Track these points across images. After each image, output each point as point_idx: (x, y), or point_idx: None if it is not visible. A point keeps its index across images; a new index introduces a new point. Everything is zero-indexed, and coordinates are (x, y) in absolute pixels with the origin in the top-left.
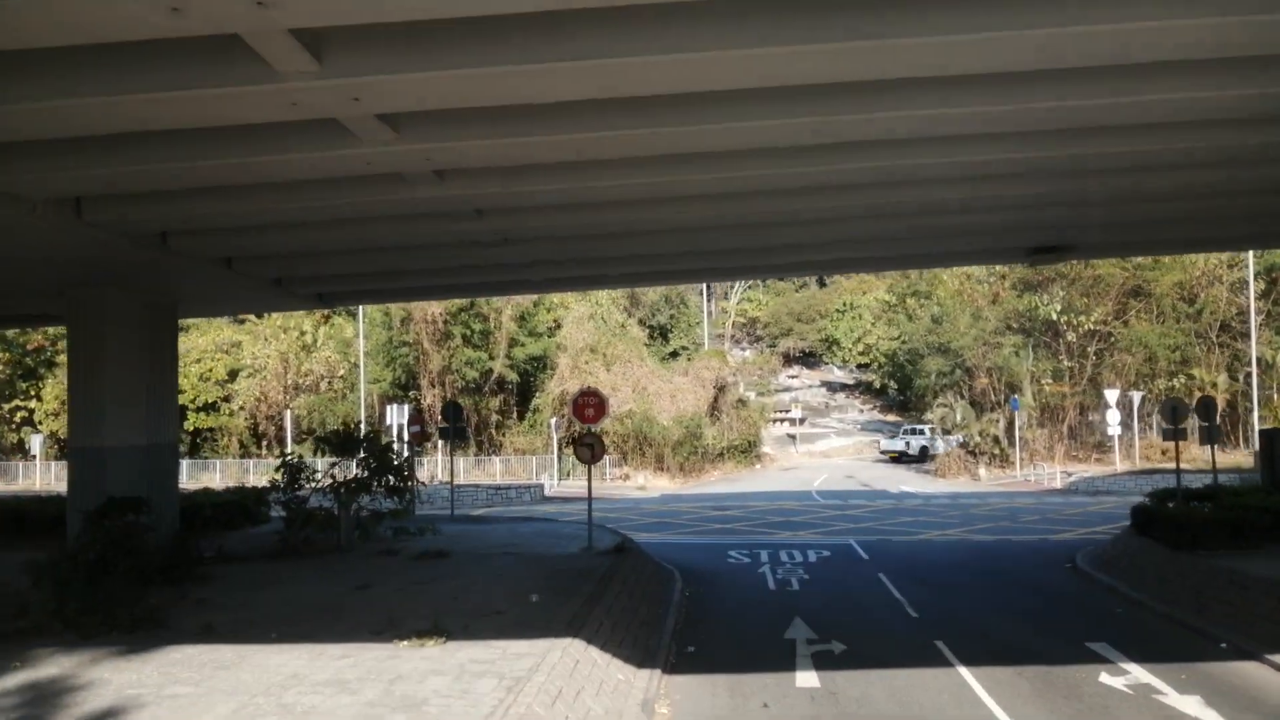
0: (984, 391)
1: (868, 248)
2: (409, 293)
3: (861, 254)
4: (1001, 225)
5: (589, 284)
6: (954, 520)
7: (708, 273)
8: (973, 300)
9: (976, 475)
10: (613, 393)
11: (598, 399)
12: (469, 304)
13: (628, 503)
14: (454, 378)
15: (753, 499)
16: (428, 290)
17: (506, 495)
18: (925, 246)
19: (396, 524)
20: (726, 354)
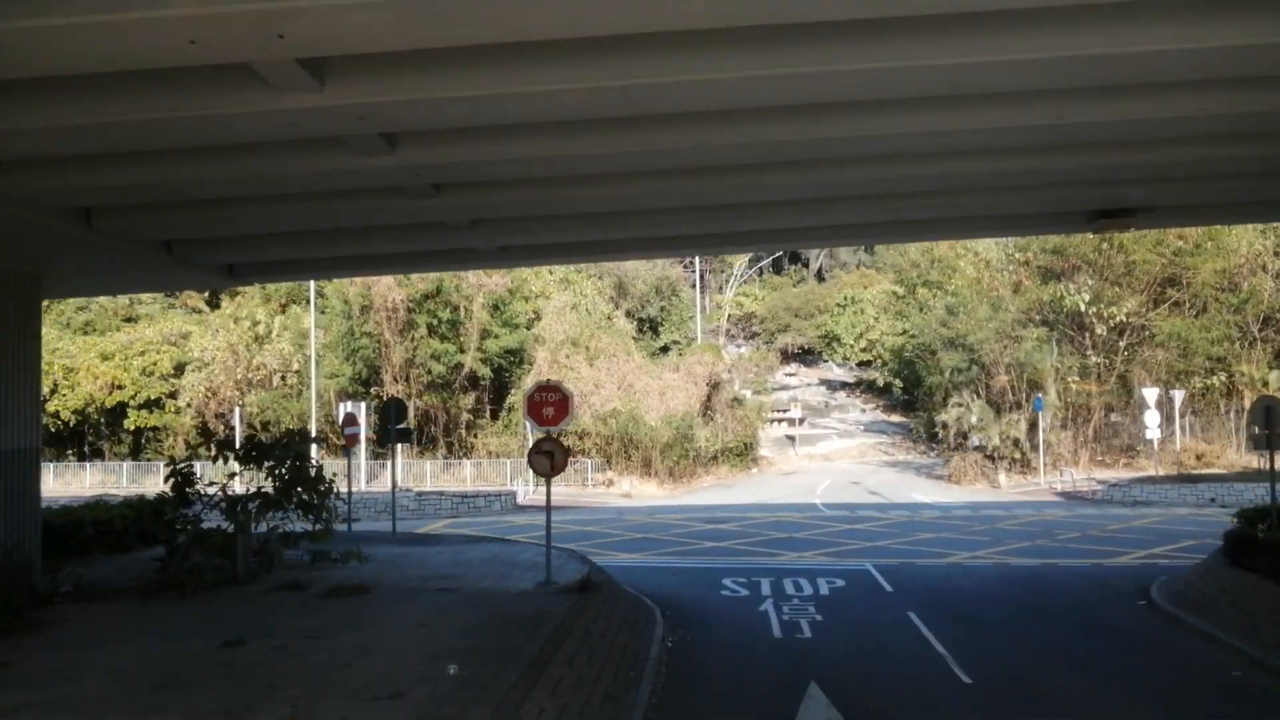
0: (1003, 390)
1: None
2: (338, 265)
3: (911, 216)
4: (1064, 179)
5: (557, 255)
6: (982, 538)
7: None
8: (992, 289)
9: (996, 482)
10: (595, 390)
11: (559, 396)
12: (435, 290)
13: (610, 513)
14: (419, 372)
15: (750, 510)
16: (361, 262)
17: (474, 504)
18: (982, 207)
19: (316, 548)
20: (721, 349)
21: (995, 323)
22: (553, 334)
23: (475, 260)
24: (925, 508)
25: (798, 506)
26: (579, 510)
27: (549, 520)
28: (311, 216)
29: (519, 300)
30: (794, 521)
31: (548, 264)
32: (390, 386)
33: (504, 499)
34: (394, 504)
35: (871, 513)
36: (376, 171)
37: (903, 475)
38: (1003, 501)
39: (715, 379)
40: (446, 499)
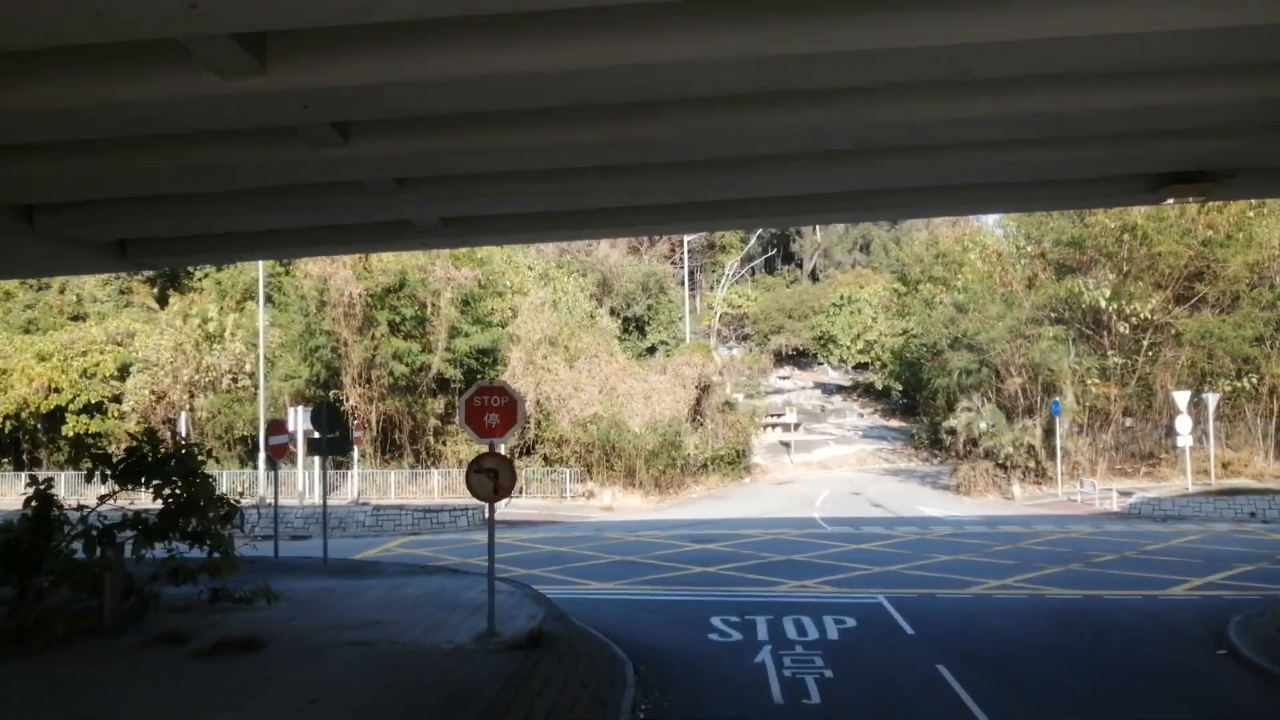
0: (1015, 393)
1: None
2: (246, 243)
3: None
4: (1132, 126)
5: (512, 231)
6: (1008, 561)
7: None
8: (1005, 284)
9: (1009, 493)
10: (574, 393)
11: (505, 400)
12: (398, 284)
13: (588, 530)
14: (380, 373)
15: (743, 526)
16: (274, 240)
17: (437, 519)
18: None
19: (216, 584)
20: (711, 349)
21: (1008, 320)
22: (529, 332)
23: (415, 237)
24: (935, 523)
25: (795, 522)
26: (554, 526)
27: (491, 557)
28: (203, 172)
29: (492, 296)
30: (792, 540)
31: (503, 242)
32: (351, 390)
33: (471, 514)
34: (324, 526)
35: (877, 529)
36: (253, 99)
37: (906, 485)
38: (1019, 515)
39: (705, 381)
40: (407, 514)
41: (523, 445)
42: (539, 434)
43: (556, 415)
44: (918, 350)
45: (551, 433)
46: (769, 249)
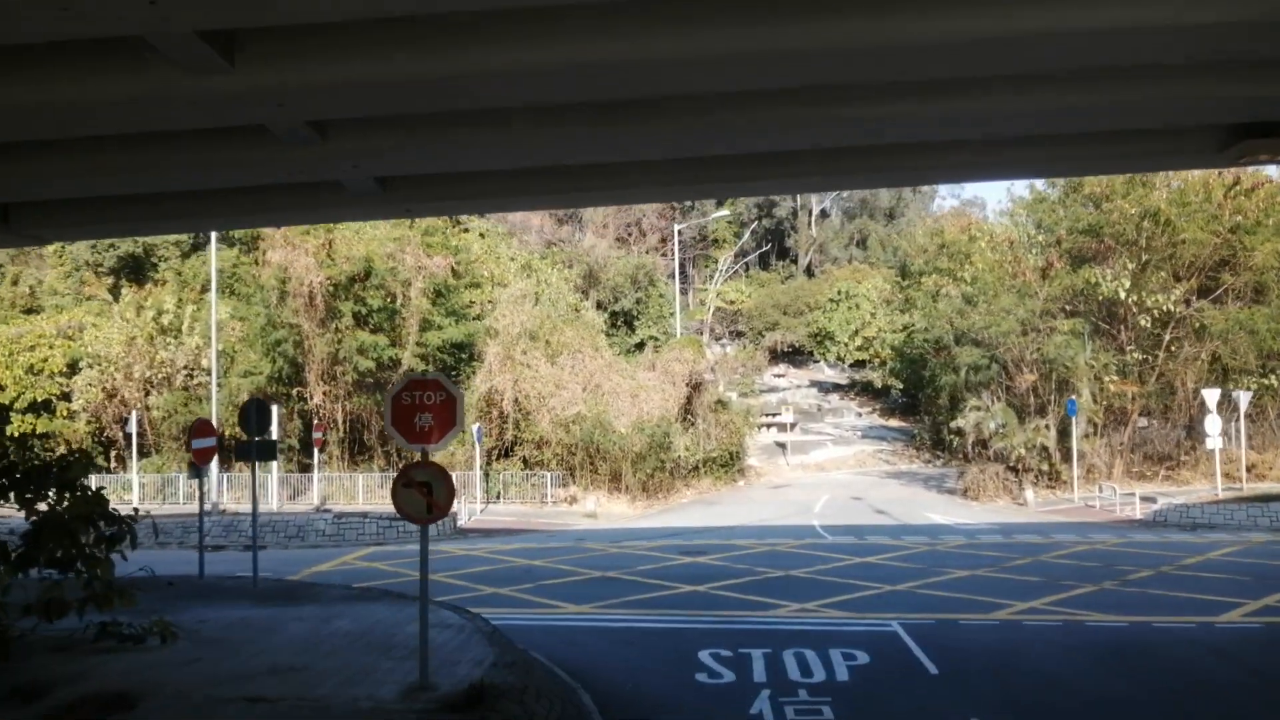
0: (1028, 391)
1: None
2: (148, 211)
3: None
4: (1207, 65)
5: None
6: (1032, 578)
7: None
8: (1018, 274)
9: (1021, 499)
10: (556, 391)
11: (442, 396)
12: (364, 272)
13: (567, 540)
14: (346, 369)
15: (737, 535)
16: (177, 206)
17: (405, 528)
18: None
19: (103, 618)
20: (703, 344)
21: (1022, 312)
22: (507, 326)
23: (350, 205)
24: (946, 531)
25: (793, 530)
26: (532, 535)
27: (424, 591)
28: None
29: (468, 288)
30: (790, 552)
31: (454, 211)
32: (315, 387)
33: (441, 522)
34: (255, 539)
35: (883, 539)
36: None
37: (909, 488)
38: (1035, 523)
39: (696, 379)
40: (371, 522)
41: (500, 447)
42: (518, 434)
43: (536, 414)
44: (921, 346)
45: (531, 433)
46: (763, 244)
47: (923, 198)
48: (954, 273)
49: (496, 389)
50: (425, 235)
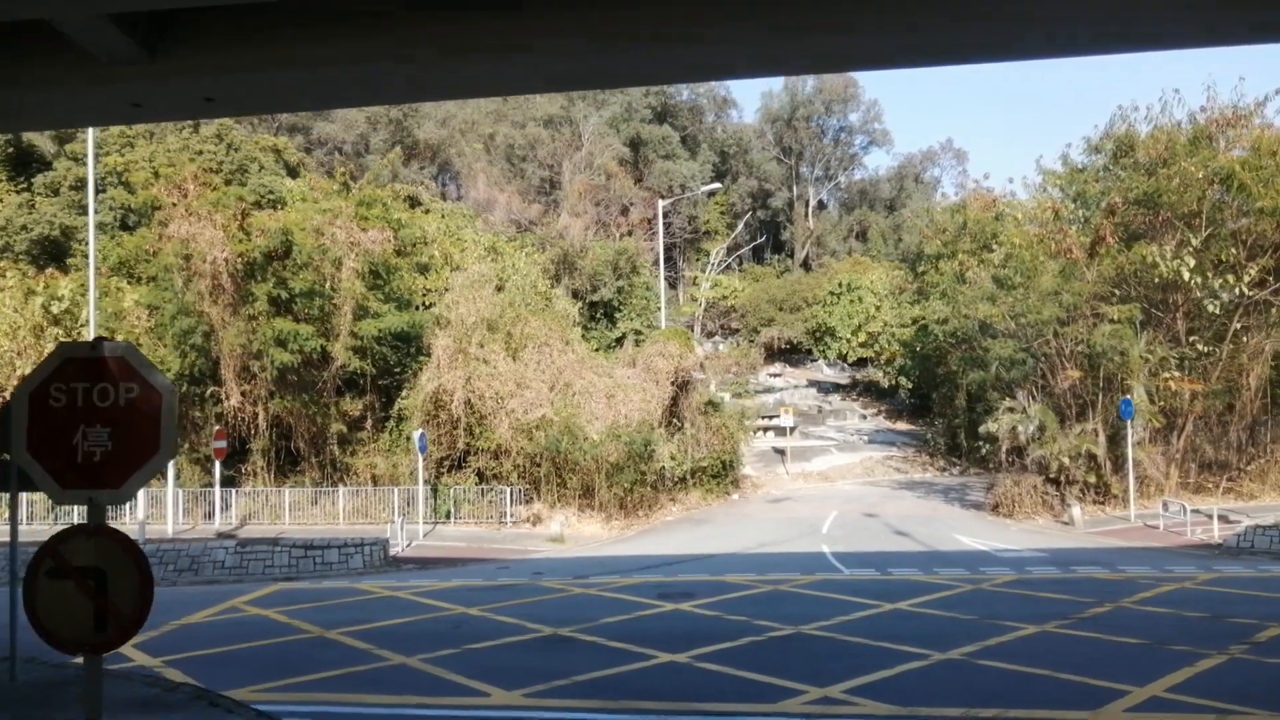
0: (1067, 391)
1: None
2: None
3: None
4: None
5: (297, 91)
6: (1128, 639)
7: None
8: (1062, 251)
9: (1065, 516)
10: (518, 390)
11: (131, 391)
12: (282, 248)
13: (522, 573)
14: (265, 364)
15: (731, 567)
16: None
17: (323, 558)
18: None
19: None
20: (691, 337)
21: (1067, 296)
22: (461, 314)
23: (92, 86)
24: (986, 561)
25: (799, 560)
26: (481, 566)
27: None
28: None
29: (419, 272)
30: (798, 594)
31: (275, 109)
32: (233, 385)
33: (370, 550)
34: (13, 597)
35: (912, 573)
36: None
37: (927, 502)
38: (1090, 549)
39: (684, 377)
40: (282, 551)
41: (453, 457)
42: (471, 442)
43: (494, 418)
44: (937, 339)
45: (487, 440)
46: (757, 236)
47: (925, 188)
48: (980, 254)
49: (445, 388)
50: (362, 207)
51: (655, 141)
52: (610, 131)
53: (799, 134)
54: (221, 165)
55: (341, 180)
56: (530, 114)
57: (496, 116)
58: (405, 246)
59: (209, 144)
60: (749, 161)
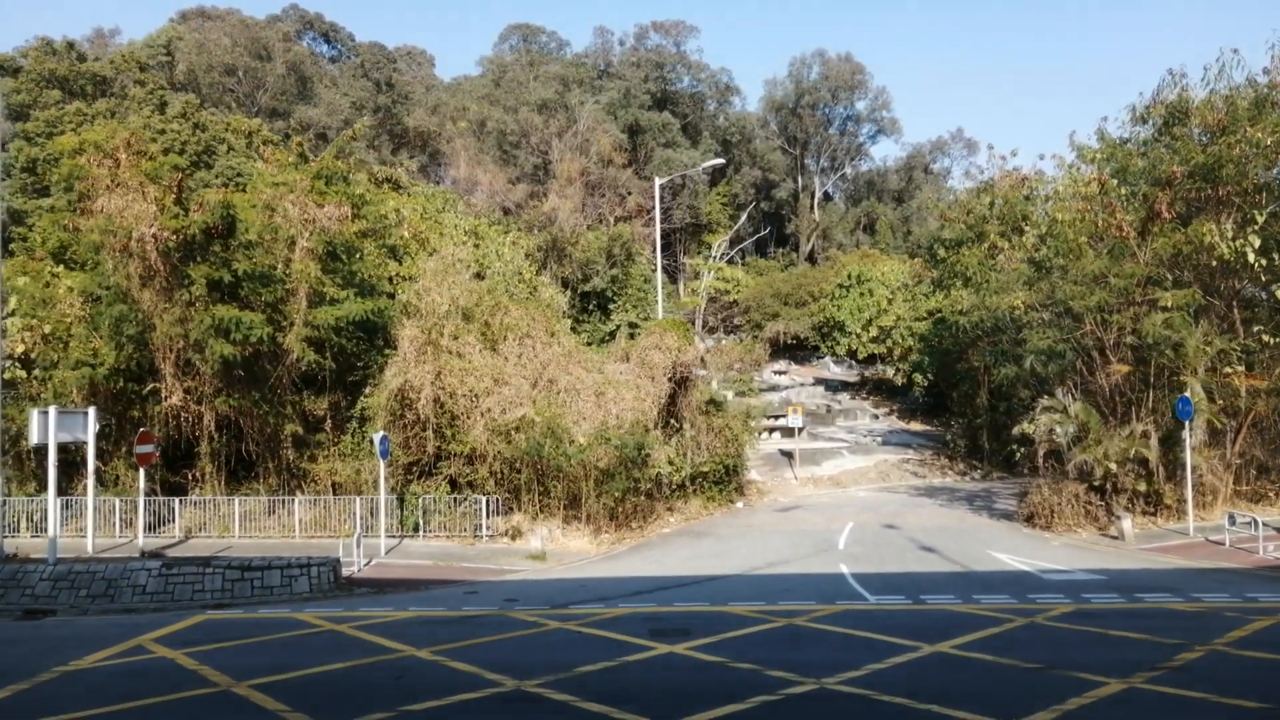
0: (1118, 387)
1: None
2: None
3: None
4: None
5: None
6: (1242, 701)
7: None
8: (1111, 229)
9: (1112, 529)
10: (495, 388)
11: None
12: (223, 224)
13: (491, 599)
14: (207, 356)
15: (736, 592)
16: None
17: (263, 581)
18: None
19: None
20: (690, 329)
21: (1118, 279)
22: (432, 302)
23: None
24: (1033, 585)
25: (815, 584)
26: (445, 591)
27: None
28: None
29: (381, 255)
30: (818, 630)
31: None
32: (174, 382)
33: (318, 571)
34: None
35: (949, 600)
36: None
37: (952, 511)
38: (1152, 570)
39: (682, 373)
40: (214, 573)
41: (422, 462)
42: (442, 446)
43: (467, 419)
44: (965, 330)
45: (460, 444)
46: (760, 228)
47: (935, 179)
48: (1010, 237)
49: (412, 384)
50: (319, 180)
51: (655, 129)
52: (607, 118)
53: (804, 122)
54: (186, 146)
55: (298, 151)
56: (523, 99)
57: (489, 101)
58: (373, 227)
59: (174, 124)
60: (752, 151)
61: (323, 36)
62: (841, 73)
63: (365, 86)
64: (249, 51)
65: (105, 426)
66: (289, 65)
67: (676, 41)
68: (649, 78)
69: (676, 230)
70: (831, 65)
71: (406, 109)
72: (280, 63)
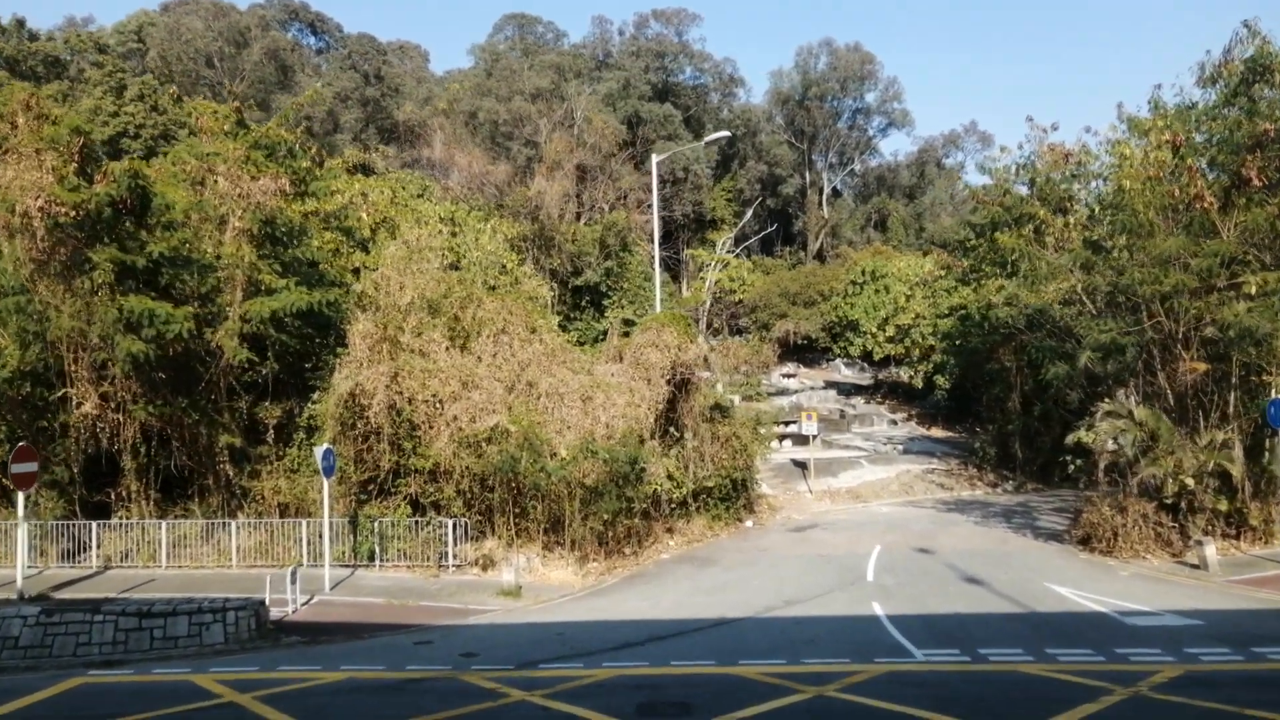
0: (1192, 388)
1: None
2: None
3: None
4: None
5: None
6: None
7: None
8: (1191, 200)
9: (1193, 556)
10: (463, 393)
11: None
12: (134, 197)
13: (449, 651)
14: (118, 354)
15: (746, 643)
16: None
17: (164, 633)
18: None
19: None
20: (690, 324)
21: (1201, 259)
22: (391, 293)
23: None
24: (1116, 632)
25: (844, 630)
26: (392, 640)
27: None
28: None
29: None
30: (858, 704)
31: None
32: (87, 385)
33: (235, 617)
34: None
35: (1016, 655)
36: None
37: (990, 530)
38: (1255, 611)
39: (683, 374)
40: (105, 622)
41: (377, 480)
42: (401, 461)
43: (430, 429)
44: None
45: (421, 459)
46: (766, 226)
47: (948, 174)
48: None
49: (364, 388)
50: (256, 151)
51: (656, 121)
52: (605, 109)
53: (811, 115)
54: (141, 129)
55: (235, 118)
56: (517, 88)
57: (480, 92)
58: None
59: (131, 106)
60: (757, 145)
61: (309, 27)
62: (850, 63)
63: (353, 78)
64: (225, 38)
65: (10, 439)
66: (267, 52)
67: (678, 30)
68: (649, 68)
69: (679, 226)
70: (840, 55)
71: (396, 102)
72: (257, 48)
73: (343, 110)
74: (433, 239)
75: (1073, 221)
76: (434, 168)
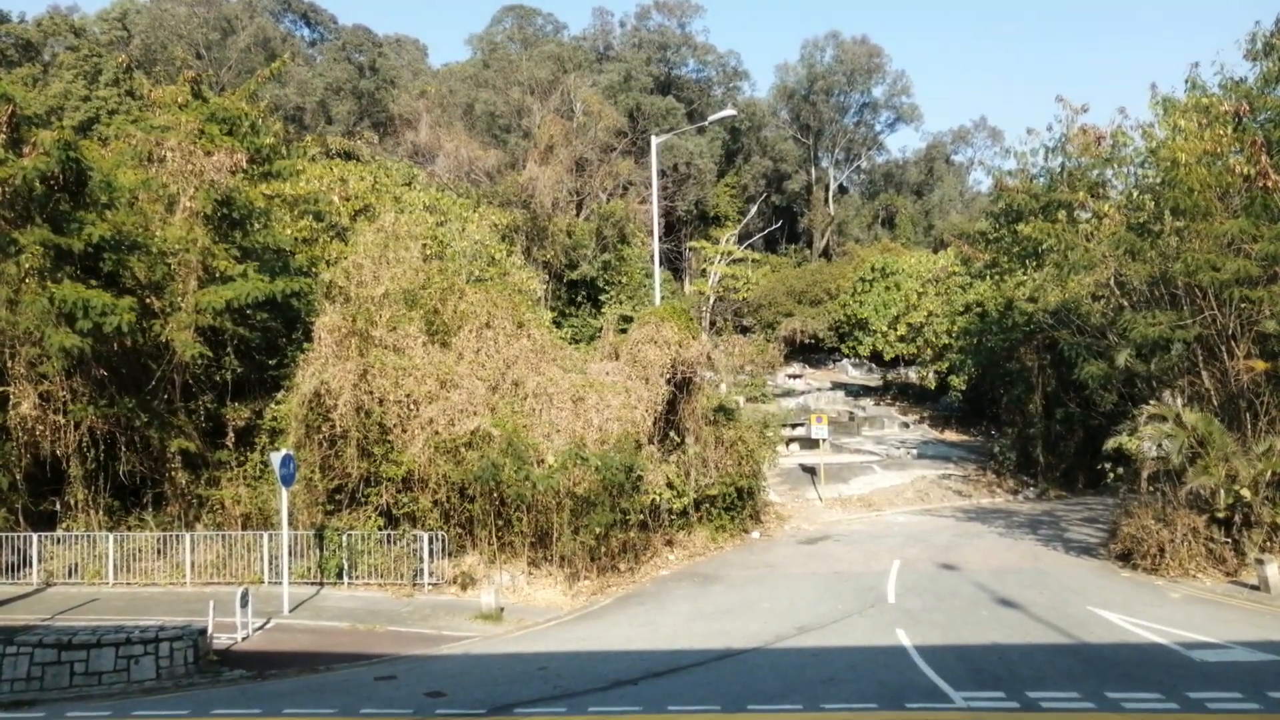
0: (1246, 389)
1: None
2: None
3: None
4: None
5: None
6: None
7: None
8: (1253, 179)
9: (1250, 575)
10: (441, 391)
11: None
12: (64, 171)
13: (413, 690)
14: (49, 351)
15: (754, 682)
16: None
17: (88, 667)
18: None
19: None
20: (692, 317)
21: (1265, 244)
22: (364, 283)
23: None
24: (1182, 669)
25: (867, 664)
26: (350, 675)
27: None
28: None
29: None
30: None
31: None
32: (26, 386)
33: (169, 647)
34: None
35: (1072, 700)
36: None
37: (1017, 543)
38: None
39: (685, 373)
40: (20, 655)
41: (346, 489)
42: (373, 468)
43: (403, 433)
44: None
45: (393, 466)
46: (771, 222)
47: (957, 171)
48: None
49: (327, 387)
50: (212, 124)
51: (657, 115)
52: (606, 101)
53: (818, 110)
54: (115, 115)
55: (189, 90)
56: (514, 79)
57: (477, 83)
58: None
59: (103, 90)
60: (762, 140)
61: (302, 18)
62: (857, 56)
63: (346, 69)
64: (211, 25)
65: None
66: (255, 39)
67: (681, 22)
68: (651, 60)
69: (681, 223)
70: (846, 48)
71: (391, 96)
72: (245, 36)
73: (335, 102)
74: (414, 226)
75: (1108, 209)
76: (419, 153)
